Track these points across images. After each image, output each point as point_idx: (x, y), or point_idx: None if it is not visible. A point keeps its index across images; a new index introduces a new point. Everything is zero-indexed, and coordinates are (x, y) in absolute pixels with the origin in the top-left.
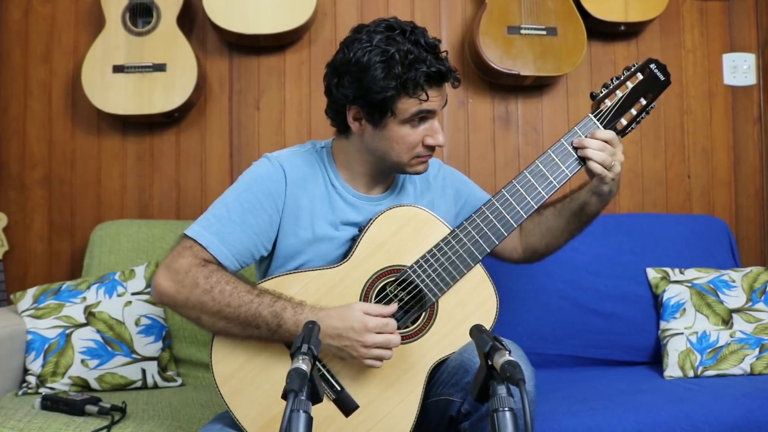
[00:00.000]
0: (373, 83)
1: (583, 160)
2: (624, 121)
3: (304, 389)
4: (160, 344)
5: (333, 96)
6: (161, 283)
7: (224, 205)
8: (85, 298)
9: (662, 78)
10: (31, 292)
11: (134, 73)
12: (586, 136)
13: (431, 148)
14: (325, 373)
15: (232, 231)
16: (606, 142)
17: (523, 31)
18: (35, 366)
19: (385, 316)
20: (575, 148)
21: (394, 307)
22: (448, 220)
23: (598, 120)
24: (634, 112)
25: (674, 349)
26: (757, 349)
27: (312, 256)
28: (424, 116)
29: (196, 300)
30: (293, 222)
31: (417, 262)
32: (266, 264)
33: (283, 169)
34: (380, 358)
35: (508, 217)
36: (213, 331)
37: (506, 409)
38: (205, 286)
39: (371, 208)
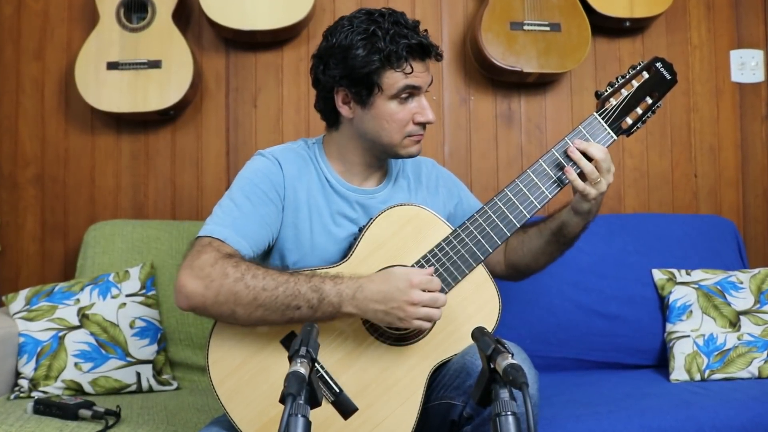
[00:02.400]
0: (356, 60)
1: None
2: (629, 120)
3: (303, 393)
4: (155, 347)
5: (320, 83)
6: (187, 284)
7: (231, 201)
8: (78, 300)
9: (668, 77)
10: (24, 293)
11: (129, 70)
12: (587, 140)
13: (422, 127)
14: (324, 374)
15: (246, 223)
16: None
17: (526, 27)
18: (27, 369)
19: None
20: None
21: (430, 269)
22: None
23: (602, 119)
24: (639, 111)
25: (680, 352)
26: (765, 352)
27: (308, 250)
28: (410, 92)
29: (228, 291)
30: (293, 214)
31: (418, 262)
32: (260, 259)
33: (279, 162)
34: (428, 318)
35: (511, 217)
36: (249, 324)
37: (509, 413)
38: (236, 275)
39: (366, 201)
